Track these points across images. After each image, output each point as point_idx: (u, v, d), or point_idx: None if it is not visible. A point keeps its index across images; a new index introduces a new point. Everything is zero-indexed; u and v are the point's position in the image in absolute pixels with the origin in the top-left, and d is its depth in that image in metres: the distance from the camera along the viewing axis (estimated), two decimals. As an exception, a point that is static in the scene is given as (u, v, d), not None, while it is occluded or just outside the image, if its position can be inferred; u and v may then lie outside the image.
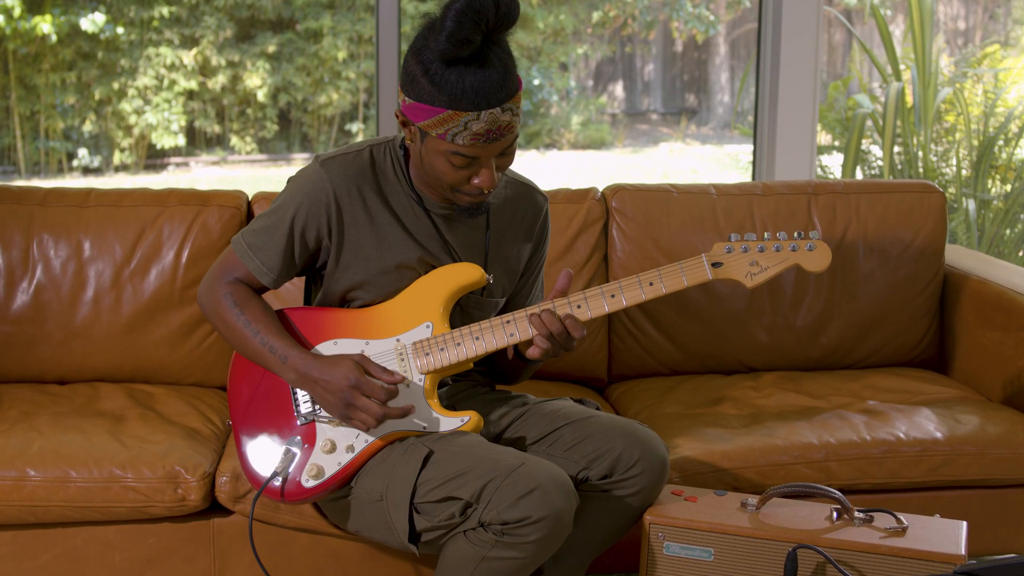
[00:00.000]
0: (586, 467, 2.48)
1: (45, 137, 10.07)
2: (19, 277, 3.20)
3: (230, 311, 2.51)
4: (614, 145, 11.19)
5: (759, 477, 2.79)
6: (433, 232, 2.53)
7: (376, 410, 2.37)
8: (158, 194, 3.30)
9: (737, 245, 2.43)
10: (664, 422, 2.99)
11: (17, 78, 9.78)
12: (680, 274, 2.42)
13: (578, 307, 2.43)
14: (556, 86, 10.92)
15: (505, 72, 2.28)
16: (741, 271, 2.43)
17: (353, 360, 2.40)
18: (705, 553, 2.44)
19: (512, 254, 2.64)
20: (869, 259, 3.38)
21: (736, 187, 3.44)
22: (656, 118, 11.64)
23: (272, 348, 2.46)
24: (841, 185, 3.45)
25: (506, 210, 2.62)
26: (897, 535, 2.38)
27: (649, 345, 3.37)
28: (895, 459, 2.83)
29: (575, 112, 11.19)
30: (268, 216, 2.53)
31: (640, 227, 3.35)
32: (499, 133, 2.30)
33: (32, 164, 10.14)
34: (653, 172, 10.25)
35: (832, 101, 6.10)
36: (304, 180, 2.50)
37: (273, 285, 2.55)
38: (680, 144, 11.03)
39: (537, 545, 2.28)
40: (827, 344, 3.39)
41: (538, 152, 10.90)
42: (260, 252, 2.52)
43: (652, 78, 11.62)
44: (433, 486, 2.34)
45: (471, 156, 2.33)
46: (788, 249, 2.42)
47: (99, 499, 2.68)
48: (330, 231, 2.49)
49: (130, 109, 9.80)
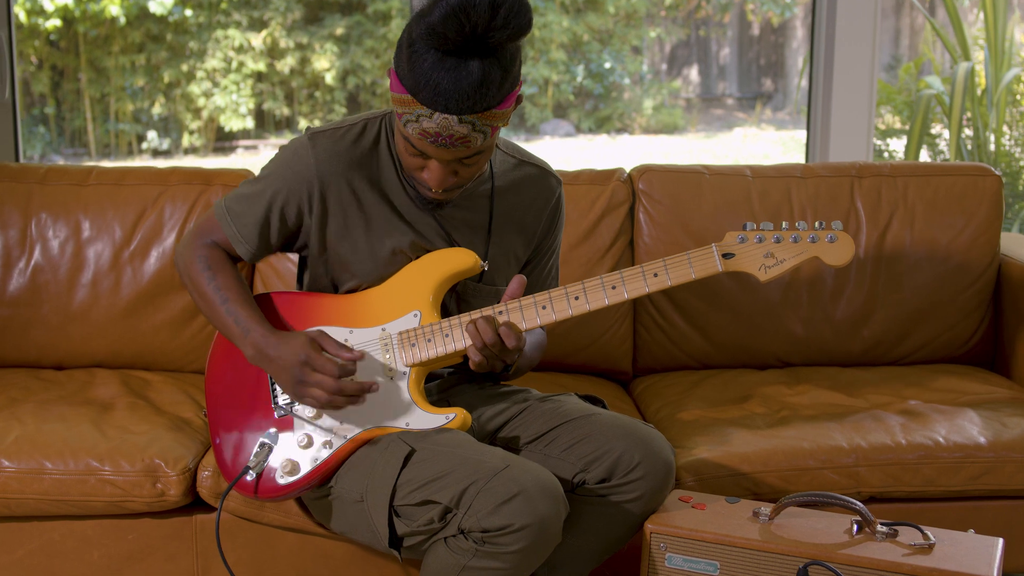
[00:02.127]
0: (583, 469, 2.28)
1: (115, 119, 10.09)
2: (16, 258, 3.07)
3: (202, 274, 2.37)
4: (687, 130, 10.93)
5: (781, 483, 2.57)
6: (426, 215, 2.34)
7: (330, 384, 2.21)
8: (160, 173, 3.16)
9: (751, 235, 2.21)
10: (685, 420, 2.78)
11: (87, 60, 9.80)
12: (687, 265, 2.21)
13: (576, 298, 2.23)
14: (628, 69, 10.70)
15: (483, 84, 2.06)
16: (754, 263, 2.21)
17: (307, 336, 2.25)
18: (710, 567, 2.23)
19: (518, 239, 2.44)
20: (916, 247, 3.13)
21: (774, 169, 3.21)
22: (731, 103, 11.37)
23: (237, 319, 2.31)
24: (888, 168, 3.20)
25: (513, 192, 2.42)
26: (923, 552, 2.15)
27: (677, 337, 3.15)
28: (932, 465, 2.58)
29: (647, 96, 10.95)
30: (252, 184, 2.38)
31: (668, 211, 3.13)
32: (449, 141, 2.11)
33: (103, 146, 10.16)
34: (724, 158, 9.98)
35: (903, 84, 5.81)
36: (290, 154, 2.34)
37: (248, 257, 2.39)
38: (754, 129, 10.74)
39: (520, 555, 2.08)
40: (869, 338, 3.14)
41: (609, 136, 10.69)
42: (238, 219, 2.37)
43: (728, 62, 11.35)
44: (413, 488, 2.16)
45: (420, 150, 2.16)
46: (807, 240, 2.20)
47: (75, 492, 2.54)
48: (311, 210, 2.32)
49: (199, 91, 9.78)
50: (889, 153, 5.56)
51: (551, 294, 2.24)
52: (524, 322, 2.24)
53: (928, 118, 4.94)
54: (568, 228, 3.10)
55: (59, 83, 10.00)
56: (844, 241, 2.20)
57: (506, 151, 2.44)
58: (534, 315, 2.24)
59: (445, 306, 2.39)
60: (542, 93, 10.58)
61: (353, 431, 2.28)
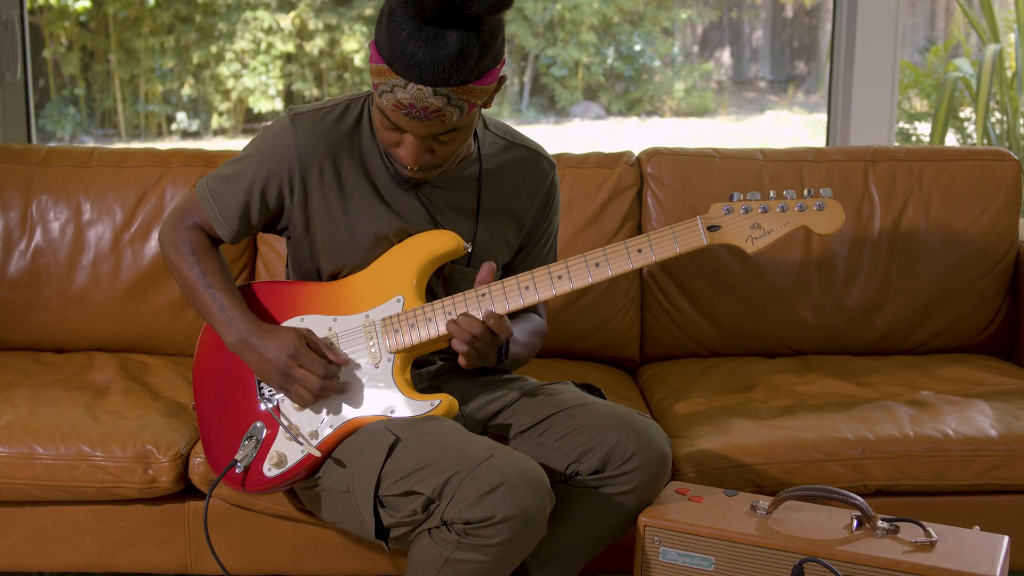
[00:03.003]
0: (576, 460, 2.22)
1: (145, 100, 10.09)
2: (16, 240, 3.05)
3: (186, 260, 2.33)
4: (718, 113, 10.82)
5: (784, 475, 2.50)
6: (411, 197, 2.28)
7: (314, 382, 2.18)
8: (162, 155, 3.12)
9: (737, 205, 2.14)
10: (689, 409, 2.72)
11: (117, 42, 9.81)
12: (672, 239, 2.14)
13: (559, 277, 2.17)
14: (659, 52, 10.60)
15: (460, 56, 1.99)
16: (741, 235, 2.13)
17: (298, 332, 2.21)
18: (705, 561, 2.17)
19: (509, 224, 2.38)
20: (932, 233, 3.04)
21: (786, 152, 3.13)
22: (764, 85, 11.24)
23: (221, 306, 2.27)
24: (903, 152, 3.11)
25: (504, 175, 2.36)
26: (924, 550, 2.07)
27: (685, 323, 3.08)
28: (940, 458, 2.51)
29: (678, 79, 10.84)
30: (234, 164, 2.34)
31: (677, 195, 3.06)
32: (423, 114, 2.04)
33: (132, 127, 10.17)
34: (754, 141, 9.87)
35: (932, 67, 5.69)
36: (271, 135, 2.29)
37: (229, 239, 2.35)
38: (786, 112, 10.61)
39: (503, 548, 2.02)
40: (882, 326, 3.06)
41: (639, 119, 10.60)
42: (220, 200, 2.33)
43: (760, 44, 11.22)
44: (397, 478, 2.10)
45: (394, 124, 2.09)
46: (795, 209, 2.12)
47: (65, 478, 2.50)
48: (292, 192, 2.28)
49: (228, 73, 9.76)
50: (917, 137, 5.46)
51: (534, 274, 2.18)
52: (507, 303, 2.18)
53: (955, 102, 4.83)
54: (574, 212, 3.04)
55: (89, 64, 10.02)
56: (833, 209, 2.11)
57: (497, 132, 2.37)
58: (517, 296, 2.18)
59: (433, 291, 2.33)
60: (572, 75, 10.50)
61: (339, 420, 2.24)
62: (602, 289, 3.02)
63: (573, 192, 3.05)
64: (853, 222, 3.04)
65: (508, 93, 10.61)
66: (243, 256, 3.05)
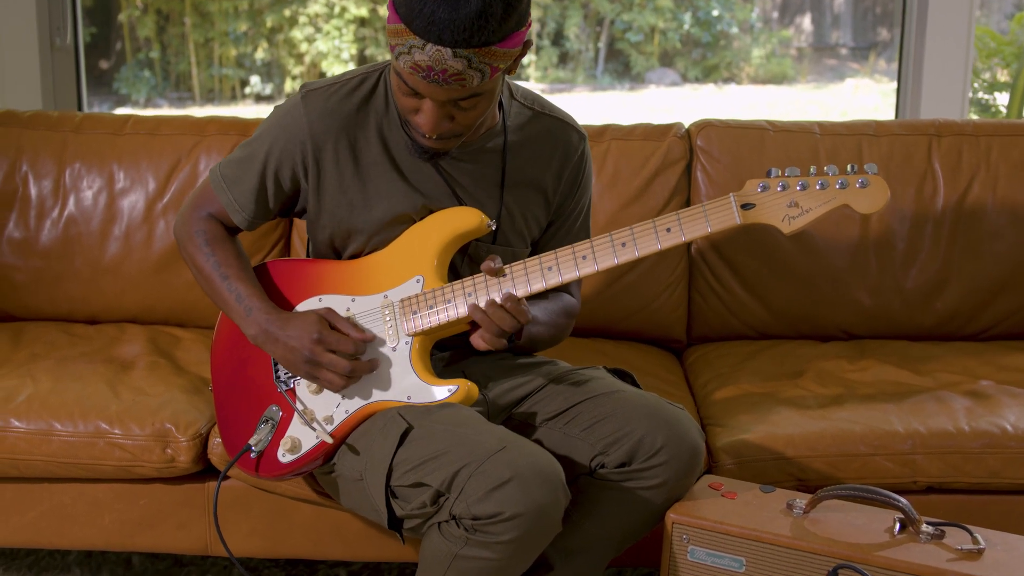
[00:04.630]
0: (602, 452, 2.10)
1: (219, 64, 10.09)
2: (49, 209, 2.99)
3: (201, 250, 2.24)
4: (797, 80, 10.56)
5: (829, 469, 2.36)
6: (431, 172, 2.17)
7: (343, 364, 2.07)
8: (198, 122, 3.04)
9: (774, 182, 1.98)
10: (732, 395, 2.58)
11: (192, 5, 9.81)
12: (703, 218, 2.00)
13: (583, 258, 2.04)
14: (737, 17, 10.36)
15: (482, 16, 1.86)
16: (777, 214, 1.98)
17: (317, 314, 2.11)
18: (735, 563, 2.04)
19: (536, 199, 2.26)
20: (999, 213, 2.86)
21: (844, 126, 2.96)
22: (845, 52, 10.94)
23: (239, 297, 2.17)
24: (970, 126, 2.93)
25: (530, 147, 2.24)
26: (970, 558, 1.93)
27: (734, 304, 2.94)
28: (997, 455, 2.35)
29: (756, 45, 10.59)
30: (247, 146, 2.23)
31: (728, 169, 2.91)
32: (443, 77, 1.91)
33: (207, 91, 10.18)
34: (832, 109, 9.60)
35: (1014, 34, 5.45)
36: (283, 113, 2.19)
37: (246, 226, 2.25)
38: (867, 80, 10.31)
39: (512, 546, 1.91)
40: (943, 311, 2.89)
41: (715, 86, 10.38)
42: (234, 186, 2.23)
43: (842, 10, 10.93)
44: (407, 468, 2.00)
45: (412, 88, 1.97)
46: (835, 186, 1.97)
47: (83, 455, 2.44)
48: (306, 173, 2.17)
49: (301, 36, 9.72)
50: (996, 108, 5.22)
51: (557, 255, 2.06)
52: (529, 285, 2.06)
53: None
54: (619, 186, 2.91)
55: (164, 27, 10.03)
56: (877, 186, 1.96)
57: (523, 102, 2.25)
58: (540, 278, 2.06)
59: (457, 270, 2.22)
60: (648, 41, 10.31)
61: (355, 406, 2.14)
62: (647, 266, 2.89)
63: (619, 165, 2.92)
64: (914, 200, 2.88)
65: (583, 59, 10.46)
66: (277, 228, 2.96)
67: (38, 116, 3.07)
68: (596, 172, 2.90)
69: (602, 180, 2.90)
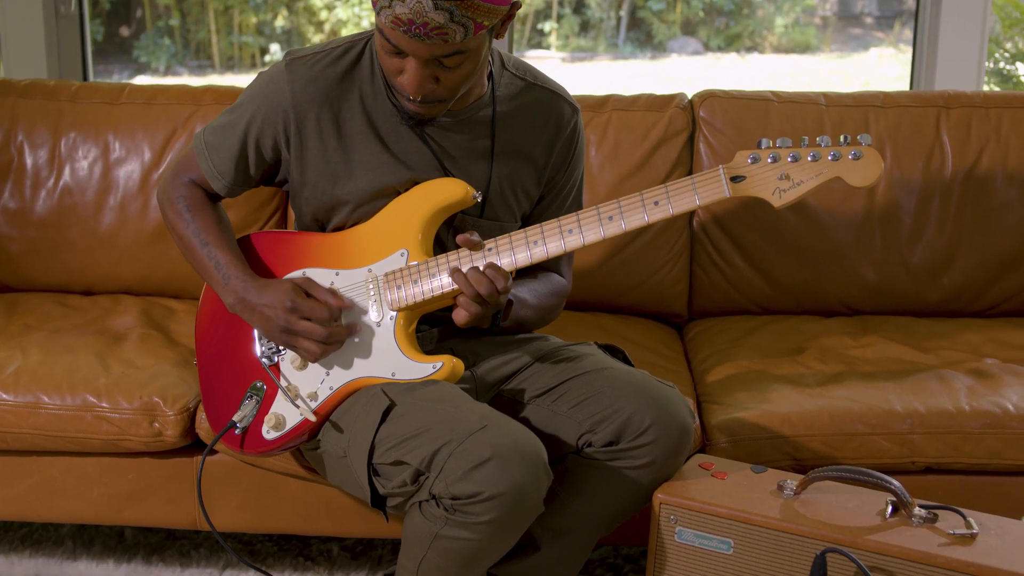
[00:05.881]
0: (590, 430, 2.06)
1: (239, 32, 10.04)
2: (45, 179, 2.96)
3: (181, 216, 2.21)
4: (820, 49, 10.42)
5: (826, 448, 2.31)
6: (420, 146, 2.12)
7: (319, 331, 2.04)
8: (194, 91, 3.00)
9: (765, 154, 1.93)
10: (730, 372, 2.54)
11: (211, -28, 9.74)
12: (692, 191, 1.95)
13: (570, 232, 1.99)
14: (761, -15, 10.23)
15: None
16: (768, 187, 1.93)
17: (292, 283, 2.08)
18: (723, 544, 2.00)
19: (527, 172, 2.21)
20: (1008, 187, 2.80)
21: (851, 97, 2.90)
22: (870, 21, 10.79)
23: (218, 264, 2.15)
24: (980, 97, 2.86)
25: (521, 118, 2.19)
26: (962, 543, 1.88)
27: (736, 278, 2.88)
28: (997, 436, 2.30)
29: (780, 13, 10.46)
30: (230, 112, 2.20)
31: (731, 141, 2.85)
32: (424, 31, 1.86)
33: (226, 59, 10.13)
34: (855, 79, 9.46)
35: (1038, 1, 5.34)
36: (266, 81, 2.15)
37: (226, 193, 2.22)
38: (891, 50, 10.16)
39: (492, 527, 1.87)
40: (950, 286, 2.83)
41: (738, 55, 10.25)
42: (215, 153, 2.20)
43: (869, -22, 10.76)
44: (389, 446, 1.97)
45: (394, 45, 1.92)
46: (827, 158, 1.91)
47: (71, 429, 2.42)
48: (288, 142, 2.13)
49: (320, 4, 9.65)
50: (1017, 79, 5.13)
51: (543, 227, 2.01)
52: (514, 258, 2.01)
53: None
54: (619, 158, 2.85)
55: (184, -6, 9.98)
56: (871, 158, 1.90)
57: (515, 73, 2.20)
58: (525, 250, 2.01)
59: (443, 244, 2.18)
60: (670, 9, 10.19)
61: (339, 382, 2.10)
62: (648, 239, 2.84)
63: (619, 136, 2.86)
64: (922, 173, 2.81)
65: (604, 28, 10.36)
66: (273, 200, 2.92)
67: (34, 85, 3.04)
68: (597, 143, 2.85)
69: (603, 152, 2.85)
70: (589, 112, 2.88)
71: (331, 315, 2.05)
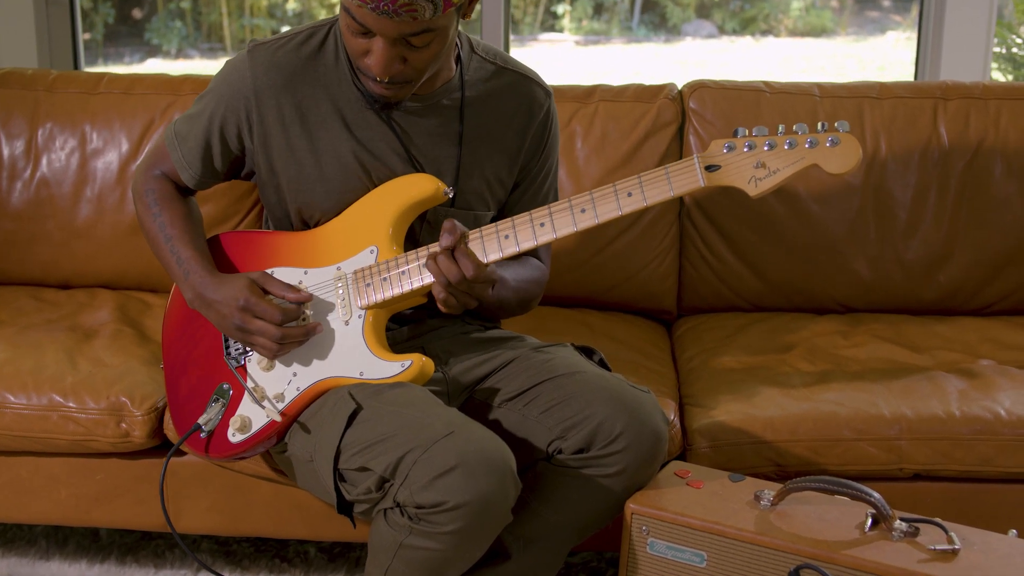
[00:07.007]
0: (560, 436, 1.99)
1: (250, 14, 9.97)
2: (21, 170, 2.90)
3: (149, 210, 2.17)
4: (836, 33, 10.29)
5: (810, 454, 2.24)
6: (387, 132, 2.05)
7: (272, 331, 1.98)
8: (172, 81, 2.93)
9: (740, 142, 1.85)
10: (715, 372, 2.46)
11: (222, -47, 9.69)
12: (666, 181, 1.87)
13: (541, 225, 1.92)
14: (777, -33, 10.11)
15: None
16: (743, 176, 1.85)
17: (248, 279, 2.02)
18: (696, 557, 1.93)
19: (500, 159, 2.14)
20: (1007, 181, 2.71)
21: (846, 88, 2.81)
22: (888, 4, 10.64)
23: (179, 259, 2.09)
24: (979, 89, 2.77)
25: (492, 103, 2.12)
26: (943, 559, 1.80)
27: (726, 274, 2.80)
28: (989, 442, 2.21)
29: (796, -4, 10.33)
30: (198, 101, 2.15)
31: (721, 132, 2.77)
32: (393, 7, 1.80)
33: (238, 42, 10.06)
34: (870, 63, 9.34)
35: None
36: (230, 69, 2.09)
37: (194, 185, 2.18)
38: (908, 33, 10.03)
39: (457, 537, 1.81)
40: (946, 284, 2.75)
41: (752, 39, 10.12)
42: (184, 143, 2.15)
43: (887, -41, 10.62)
44: (354, 451, 1.90)
45: (361, 24, 1.85)
46: (804, 146, 1.83)
47: (37, 429, 2.36)
48: (251, 131, 2.07)
49: (331, -13, 9.58)
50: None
51: (515, 222, 1.94)
52: (486, 254, 1.94)
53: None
54: (606, 150, 2.78)
55: (195, -24, 9.93)
56: (848, 144, 1.82)
57: (485, 57, 2.13)
58: (496, 246, 1.94)
59: (416, 238, 2.11)
60: (685, -9, 10.08)
61: (306, 382, 2.04)
62: (636, 234, 2.77)
63: (606, 128, 2.78)
64: (918, 166, 2.73)
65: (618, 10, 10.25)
66: (252, 193, 2.85)
67: (11, 74, 2.98)
68: (583, 135, 2.78)
69: (589, 144, 2.77)
70: (575, 103, 2.80)
71: (284, 316, 1.99)
